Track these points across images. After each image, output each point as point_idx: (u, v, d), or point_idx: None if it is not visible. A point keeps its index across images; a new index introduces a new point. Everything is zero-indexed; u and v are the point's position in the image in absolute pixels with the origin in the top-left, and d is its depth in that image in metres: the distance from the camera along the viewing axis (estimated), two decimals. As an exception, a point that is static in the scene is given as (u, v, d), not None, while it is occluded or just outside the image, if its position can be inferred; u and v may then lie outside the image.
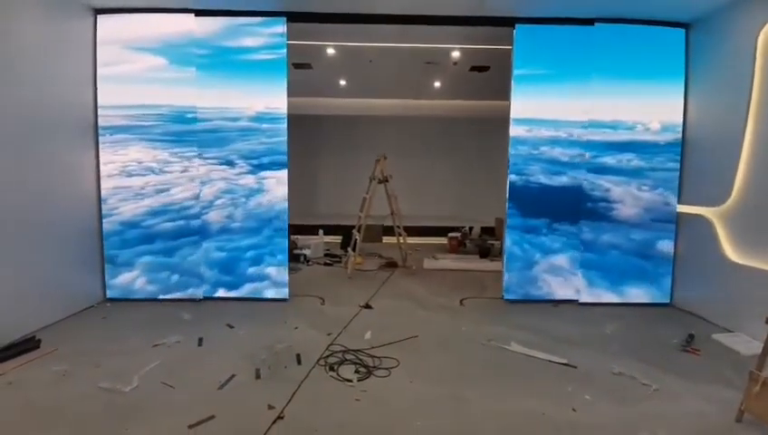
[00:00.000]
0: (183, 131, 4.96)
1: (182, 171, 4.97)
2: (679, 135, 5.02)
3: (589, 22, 4.88)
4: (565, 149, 5.08)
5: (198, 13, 4.82)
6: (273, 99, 4.96)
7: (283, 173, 5.02)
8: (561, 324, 4.41)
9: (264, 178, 5.03)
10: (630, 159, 5.06)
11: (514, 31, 4.94)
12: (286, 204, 5.04)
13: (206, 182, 5.00)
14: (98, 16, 4.76)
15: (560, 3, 4.63)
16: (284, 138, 5.00)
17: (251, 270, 5.06)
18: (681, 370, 3.43)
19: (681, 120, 4.99)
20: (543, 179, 5.11)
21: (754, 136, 4.10)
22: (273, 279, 5.07)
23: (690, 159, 4.95)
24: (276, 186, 5.03)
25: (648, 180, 5.06)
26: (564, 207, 5.11)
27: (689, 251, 4.94)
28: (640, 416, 2.80)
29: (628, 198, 5.08)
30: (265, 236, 5.06)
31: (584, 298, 5.12)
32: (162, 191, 4.97)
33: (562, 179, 5.10)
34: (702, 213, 4.66)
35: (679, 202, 5.01)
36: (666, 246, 5.09)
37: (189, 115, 4.95)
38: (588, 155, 5.06)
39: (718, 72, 4.61)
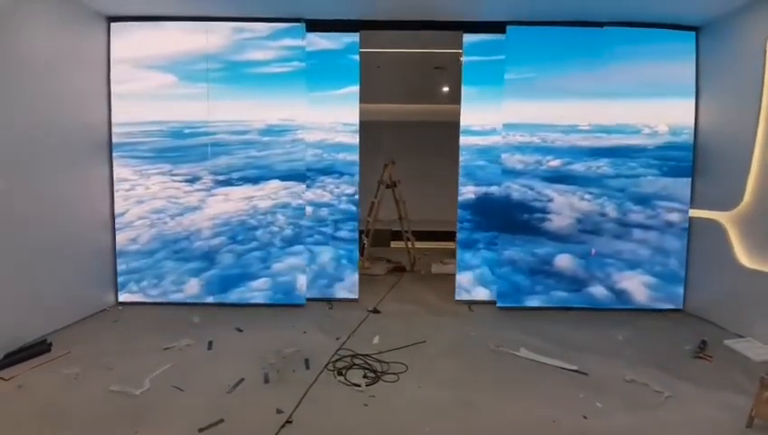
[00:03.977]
0: (169, 147, 4.95)
1: (127, 190, 4.93)
2: (673, 138, 4.93)
3: (598, 25, 4.87)
4: (527, 155, 5.01)
5: (212, 20, 4.86)
6: (285, 111, 4.98)
7: (244, 189, 4.99)
8: (572, 330, 4.36)
9: (211, 196, 4.99)
10: (600, 166, 4.98)
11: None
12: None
13: (143, 201, 4.96)
14: (111, 24, 4.80)
15: (571, 6, 4.59)
16: (278, 150, 4.98)
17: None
18: (693, 376, 3.38)
19: (685, 123, 4.91)
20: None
21: (766, 139, 4.04)
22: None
23: (702, 164, 4.89)
24: (220, 203, 4.99)
25: (596, 189, 4.97)
26: (488, 217, 5.09)
27: (701, 256, 4.87)
28: (652, 423, 2.77)
29: (565, 208, 5.00)
30: (156, 259, 4.96)
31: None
32: None
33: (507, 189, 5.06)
34: (714, 217, 4.60)
35: (691, 207, 4.95)
36: (562, 260, 5.00)
37: (187, 131, 4.95)
38: (557, 162, 4.98)
39: (729, 75, 4.56)
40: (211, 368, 3.46)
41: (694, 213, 4.93)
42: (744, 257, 4.25)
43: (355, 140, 5.06)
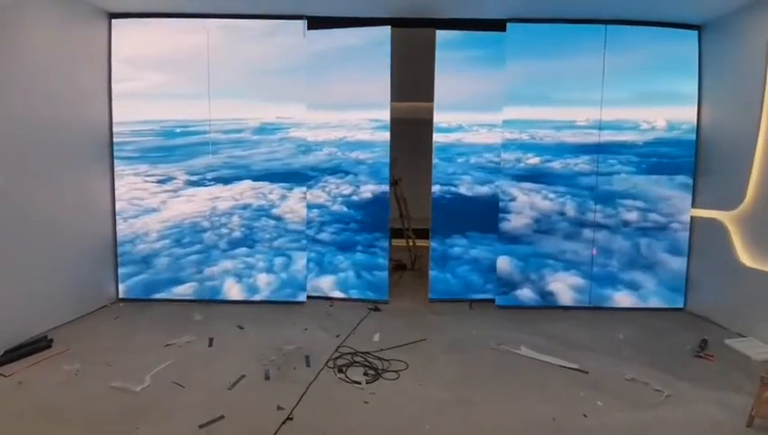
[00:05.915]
0: (154, 147, 4.88)
1: None
2: (665, 134, 4.88)
3: (599, 23, 4.84)
4: (508, 153, 4.92)
5: (213, 17, 4.84)
6: (282, 109, 4.93)
7: (212, 188, 4.89)
8: (573, 329, 4.36)
9: (177, 196, 4.89)
10: (577, 163, 4.89)
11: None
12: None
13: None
14: (112, 20, 4.80)
15: (573, 4, 4.56)
16: (264, 149, 4.91)
17: None
18: (694, 375, 3.38)
19: (684, 119, 4.87)
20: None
21: (768, 139, 4.04)
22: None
23: (703, 162, 4.87)
24: (181, 204, 4.89)
25: (561, 187, 4.90)
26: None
27: (702, 255, 4.86)
28: (652, 422, 2.77)
29: (526, 208, 4.93)
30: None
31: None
32: None
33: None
34: (715, 217, 4.59)
35: (693, 206, 4.94)
36: (504, 262, 4.94)
37: (179, 130, 4.89)
38: (536, 160, 4.90)
39: (732, 74, 4.55)
40: (212, 365, 3.46)
41: (695, 212, 4.92)
42: (745, 257, 4.25)
43: (376, 136, 4.98)
